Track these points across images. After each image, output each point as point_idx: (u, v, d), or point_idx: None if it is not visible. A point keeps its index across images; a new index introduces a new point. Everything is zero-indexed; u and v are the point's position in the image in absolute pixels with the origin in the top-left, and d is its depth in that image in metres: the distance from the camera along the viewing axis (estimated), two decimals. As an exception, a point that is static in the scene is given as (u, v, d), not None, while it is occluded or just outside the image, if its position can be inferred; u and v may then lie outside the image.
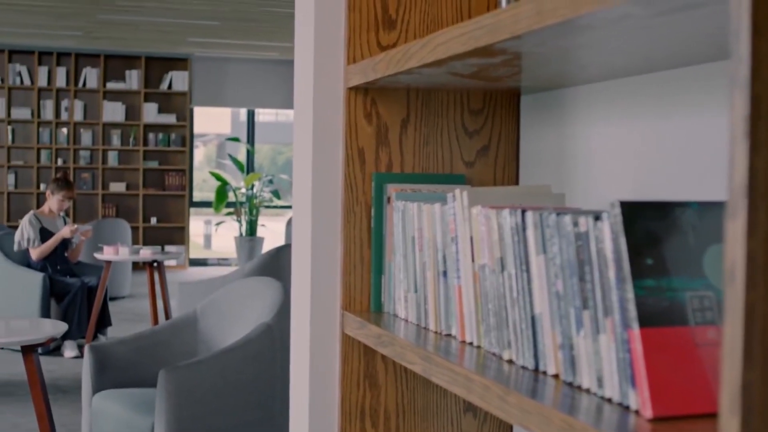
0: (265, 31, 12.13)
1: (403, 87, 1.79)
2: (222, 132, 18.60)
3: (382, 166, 1.81)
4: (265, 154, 15.39)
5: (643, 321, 1.00)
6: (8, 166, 13.76)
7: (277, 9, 10.52)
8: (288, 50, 13.79)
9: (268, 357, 3.74)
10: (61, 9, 10.76)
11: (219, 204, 14.30)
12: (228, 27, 11.85)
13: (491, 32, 1.19)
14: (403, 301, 1.69)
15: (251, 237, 14.27)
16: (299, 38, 1.93)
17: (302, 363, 1.88)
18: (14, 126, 13.82)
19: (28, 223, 7.47)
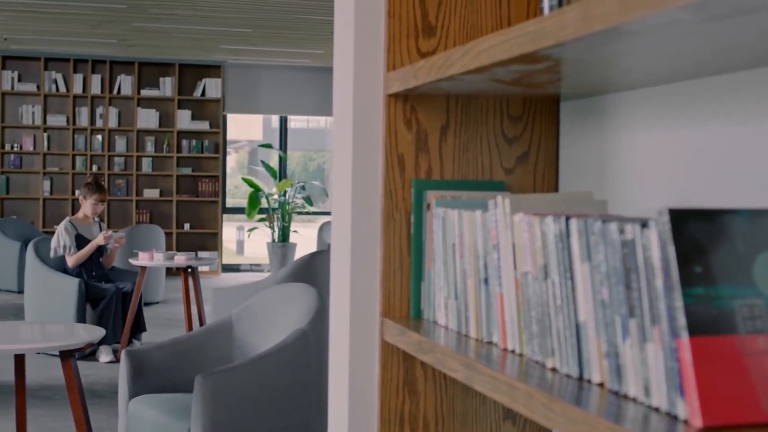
0: (298, 39, 12.17)
1: (443, 94, 1.78)
2: (254, 139, 18.69)
3: (421, 172, 1.81)
4: (297, 160, 15.44)
5: (693, 329, 0.99)
6: (44, 172, 13.87)
7: (310, 16, 10.55)
8: (320, 57, 13.83)
9: (303, 363, 3.74)
10: (96, 17, 10.85)
11: (252, 210, 14.34)
12: (261, 34, 11.90)
13: (535, 39, 1.18)
14: (443, 308, 1.68)
15: (284, 243, 14.30)
16: (339, 45, 1.93)
17: (341, 370, 1.88)
18: (50, 133, 13.94)
19: (63, 230, 7.52)
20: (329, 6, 9.87)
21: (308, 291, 4.03)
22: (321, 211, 15.96)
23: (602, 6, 1.03)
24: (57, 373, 6.71)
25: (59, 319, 7.24)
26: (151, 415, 3.84)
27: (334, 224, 1.95)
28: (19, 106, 13.91)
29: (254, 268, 15.11)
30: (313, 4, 9.86)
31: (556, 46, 1.15)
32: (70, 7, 10.26)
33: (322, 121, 18.52)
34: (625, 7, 0.98)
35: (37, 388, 6.27)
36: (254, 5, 9.97)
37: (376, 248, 1.83)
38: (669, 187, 1.51)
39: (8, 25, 11.60)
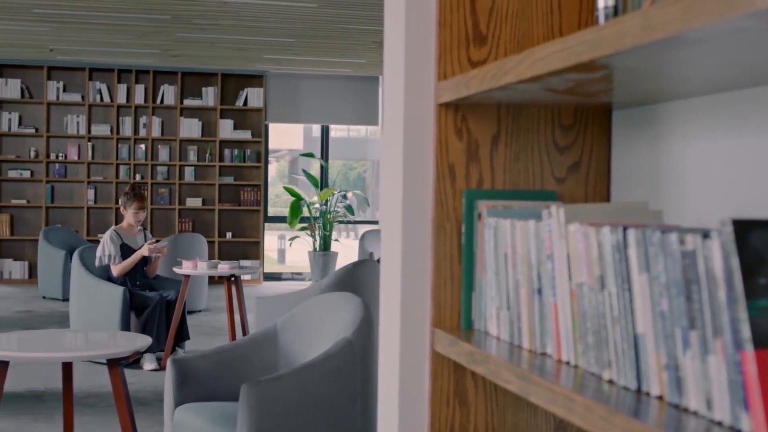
0: (340, 48, 12.20)
1: (494, 103, 1.77)
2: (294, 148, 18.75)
3: (472, 182, 1.80)
4: (337, 169, 15.46)
5: (757, 342, 0.98)
6: (88, 181, 14.01)
7: (352, 26, 10.57)
8: (361, 66, 13.85)
9: (348, 372, 3.74)
10: (141, 28, 10.95)
11: (293, 219, 14.38)
12: (302, 44, 11.94)
13: (594, 47, 1.17)
14: (495, 318, 1.67)
15: (325, 252, 14.32)
16: (389, 55, 1.93)
17: (391, 380, 1.88)
18: (94, 142, 14.07)
19: (109, 240, 7.59)
20: (371, 16, 9.89)
21: (353, 300, 4.03)
22: (362, 220, 15.97)
23: (664, 14, 1.02)
24: (101, 381, 6.76)
25: (104, 327, 7.30)
26: (197, 424, 3.86)
27: (384, 234, 1.95)
28: (64, 116, 14.06)
29: (295, 277, 15.15)
30: (356, 14, 9.89)
31: (615, 54, 1.13)
32: (115, 18, 10.36)
33: (363, 130, 18.56)
34: (689, 15, 0.96)
35: (82, 396, 6.32)
36: (297, 15, 10.02)
37: (427, 258, 1.82)
38: (725, 198, 1.49)
39: (54, 36, 11.74)
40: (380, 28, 10.54)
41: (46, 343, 4.69)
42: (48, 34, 11.61)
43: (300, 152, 16.80)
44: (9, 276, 13.79)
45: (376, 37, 11.25)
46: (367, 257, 11.63)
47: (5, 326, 9.19)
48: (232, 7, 9.62)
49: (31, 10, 10.00)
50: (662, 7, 1.02)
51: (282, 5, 9.52)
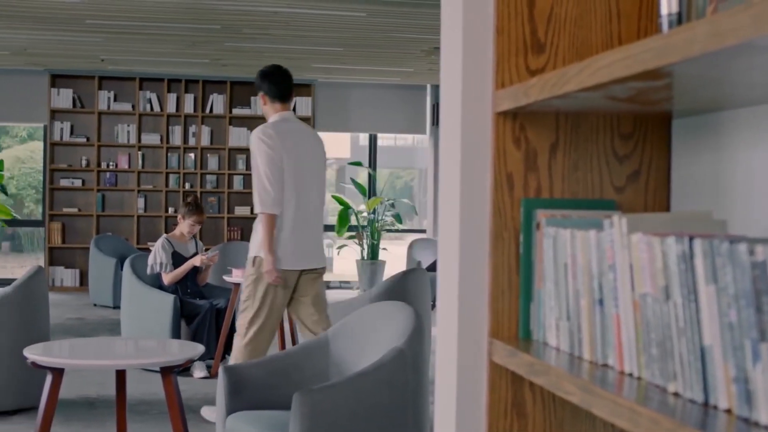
0: (388, 57, 12.22)
1: (553, 111, 1.76)
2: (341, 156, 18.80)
3: (530, 191, 1.78)
4: (383, 178, 15.47)
5: (833, 355, 0.95)
6: (138, 190, 14.13)
7: (400, 35, 10.58)
8: (409, 75, 13.86)
9: (400, 382, 3.73)
10: (191, 38, 11.04)
11: (341, 227, 14.41)
12: (351, 53, 11.98)
13: (661, 55, 1.15)
14: (554, 329, 1.65)
15: (373, 261, 14.33)
16: (446, 63, 1.92)
17: (448, 391, 1.86)
18: (144, 151, 14.20)
19: (160, 248, 7.64)
20: (420, 24, 9.89)
21: (404, 309, 4.03)
22: (410, 228, 15.96)
23: (733, 21, 1.00)
24: (152, 388, 6.81)
25: (154, 334, 7.35)
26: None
27: (441, 244, 1.94)
28: (115, 125, 14.20)
29: (343, 286, 15.17)
30: (404, 23, 9.90)
31: (683, 62, 1.12)
32: (165, 28, 10.46)
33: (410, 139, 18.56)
34: (759, 21, 0.95)
35: (134, 403, 6.36)
36: (346, 24, 10.05)
37: (484, 268, 1.81)
38: (792, 207, 1.46)
39: (105, 47, 11.87)
40: (429, 36, 10.54)
41: (100, 351, 4.74)
42: (99, 45, 11.74)
43: (347, 161, 16.84)
44: (61, 283, 13.94)
45: (424, 46, 11.25)
46: (415, 266, 11.62)
47: (57, 333, 9.29)
48: (281, 16, 9.67)
49: (84, 20, 10.12)
50: (732, 15, 1.01)
51: (331, 14, 9.55)
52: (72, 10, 9.56)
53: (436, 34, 10.61)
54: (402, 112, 15.03)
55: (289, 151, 5.64)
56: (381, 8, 9.23)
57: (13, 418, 6.02)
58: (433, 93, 14.83)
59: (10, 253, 16.70)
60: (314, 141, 5.92)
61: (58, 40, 11.41)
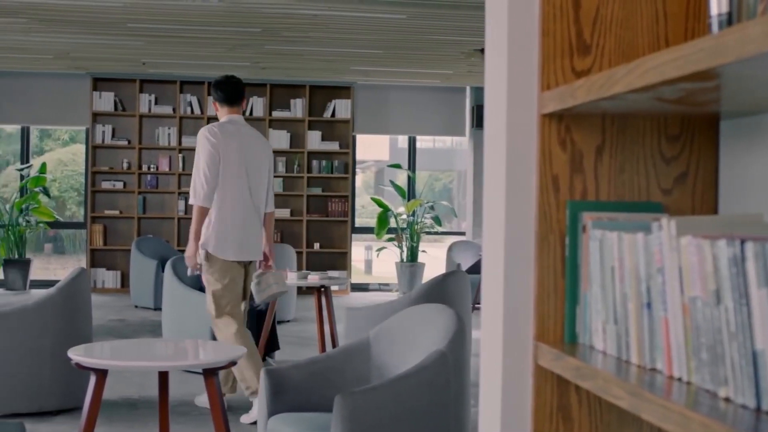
0: (428, 59, 12.21)
1: (599, 113, 1.75)
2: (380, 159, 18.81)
3: (576, 193, 1.77)
4: (422, 180, 15.46)
5: None
6: (179, 192, 14.22)
7: (440, 37, 10.57)
8: (449, 77, 13.84)
9: (442, 385, 3.72)
10: (231, 41, 11.10)
11: (381, 230, 14.42)
12: (390, 55, 11.98)
13: (713, 56, 1.14)
14: (601, 332, 1.64)
15: (412, 263, 14.32)
16: (491, 65, 1.91)
17: (493, 394, 1.86)
18: (184, 153, 14.28)
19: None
20: (460, 27, 9.88)
21: (446, 312, 4.01)
22: (449, 231, 15.93)
23: (789, 21, 0.99)
24: (193, 389, 6.84)
25: (195, 336, 7.38)
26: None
27: (486, 246, 1.93)
28: (156, 128, 14.30)
29: (382, 288, 15.18)
30: (444, 25, 9.89)
31: (736, 62, 1.10)
32: (206, 31, 10.52)
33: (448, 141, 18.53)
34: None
35: (175, 404, 6.39)
36: (386, 27, 10.05)
37: (530, 271, 1.80)
38: None
39: (146, 50, 11.96)
40: (469, 38, 10.52)
41: (143, 352, 4.76)
42: (141, 48, 11.83)
43: (385, 163, 16.84)
44: (102, 285, 14.06)
45: (464, 48, 11.23)
46: (454, 268, 11.60)
47: (99, 334, 9.37)
48: (321, 19, 9.70)
49: (125, 24, 10.21)
50: (786, 14, 0.99)
51: (371, 17, 9.56)
52: (114, 14, 9.64)
53: (476, 36, 10.60)
54: (441, 114, 15.01)
55: (233, 150, 6.14)
56: (421, 10, 9.22)
57: (56, 418, 6.07)
58: (472, 95, 14.80)
59: (53, 255, 16.86)
60: (260, 143, 6.41)
61: (100, 43, 11.51)
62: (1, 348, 5.99)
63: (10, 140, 15.94)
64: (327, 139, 14.56)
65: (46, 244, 16.56)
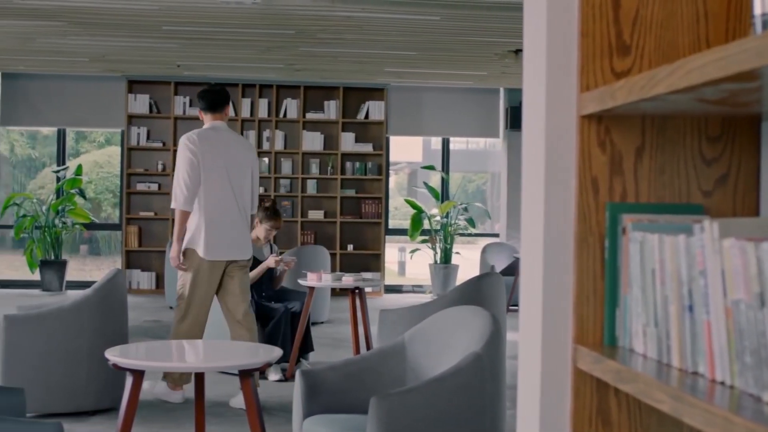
0: (462, 60, 12.19)
1: (639, 114, 1.73)
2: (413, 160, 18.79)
3: (616, 195, 1.76)
4: (455, 181, 15.44)
5: None
6: (213, 194, 14.26)
7: (474, 38, 10.55)
8: (482, 78, 13.81)
9: (477, 387, 3.71)
10: (265, 43, 11.13)
11: (414, 231, 14.41)
12: (424, 57, 11.97)
13: (757, 56, 1.13)
14: (641, 335, 1.63)
15: (446, 264, 14.31)
16: (529, 66, 1.91)
17: (532, 397, 1.85)
18: (219, 156, 14.33)
19: (236, 251, 7.71)
20: (494, 28, 9.86)
21: (481, 314, 4.00)
22: (483, 232, 15.90)
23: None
24: (227, 390, 6.87)
25: (229, 338, 7.40)
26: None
27: (525, 248, 1.92)
28: (190, 130, 14.33)
29: (416, 290, 15.17)
30: (478, 26, 9.87)
31: (782, 63, 1.09)
32: (240, 33, 10.56)
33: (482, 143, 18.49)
34: None
35: (209, 405, 6.42)
36: (419, 28, 10.05)
37: (569, 273, 1.78)
38: None
39: (181, 53, 12.02)
40: (503, 39, 10.49)
41: (179, 354, 4.79)
42: (175, 51, 11.90)
43: (418, 165, 16.83)
44: (137, 286, 14.15)
45: (498, 49, 11.20)
46: (488, 270, 11.58)
47: (135, 335, 9.42)
48: (355, 21, 9.71)
49: (160, 27, 10.27)
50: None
51: (405, 18, 9.56)
52: (149, 17, 9.70)
53: (511, 37, 10.58)
54: (475, 115, 14.99)
55: (213, 155, 6.50)
56: (455, 12, 9.21)
57: (93, 418, 6.11)
58: (506, 96, 14.76)
59: (88, 256, 16.99)
60: (242, 147, 6.73)
61: (135, 46, 11.58)
62: (38, 348, 6.04)
63: (47, 142, 16.08)
64: (361, 140, 14.58)
65: (81, 245, 16.69)
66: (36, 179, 16.61)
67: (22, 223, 14.00)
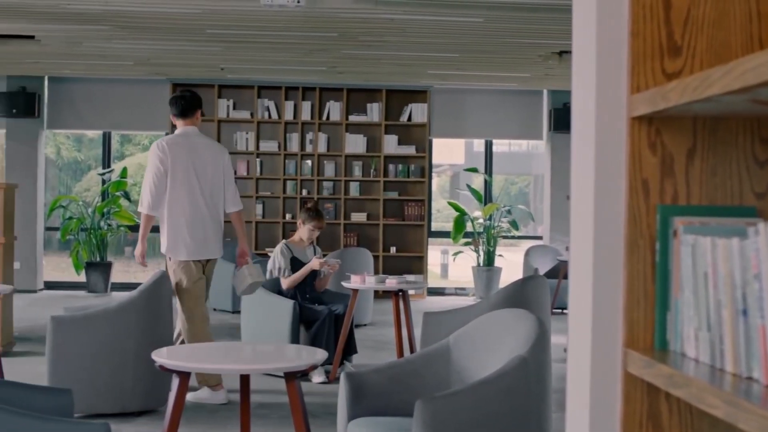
0: (505, 62, 12.15)
1: (690, 116, 1.71)
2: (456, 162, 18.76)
3: (667, 197, 1.74)
4: (498, 184, 15.39)
5: None
6: (256, 196, 14.34)
7: (517, 40, 10.51)
8: (526, 80, 13.76)
9: (523, 391, 3.69)
10: (308, 45, 11.16)
11: (457, 234, 14.39)
12: (467, 59, 11.94)
13: (816, 56, 1.11)
14: (693, 339, 1.60)
15: (489, 267, 14.27)
16: (578, 68, 1.89)
17: (581, 402, 1.83)
18: (262, 158, 14.41)
19: (279, 253, 7.74)
20: (538, 29, 9.81)
21: (527, 317, 3.98)
22: (526, 235, 15.84)
23: None
24: (271, 392, 6.89)
25: (274, 339, 7.43)
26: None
27: (574, 251, 1.90)
28: (234, 133, 14.44)
29: (458, 292, 15.14)
30: (522, 28, 9.83)
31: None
32: (283, 36, 10.60)
33: (524, 145, 18.43)
34: None
35: (254, 406, 6.44)
36: (463, 30, 10.03)
37: (619, 276, 1.77)
38: None
39: (224, 56, 12.09)
40: (547, 41, 10.45)
41: (224, 355, 4.81)
42: (219, 54, 11.96)
43: (460, 167, 16.80)
44: (181, 288, 14.22)
45: (541, 51, 11.15)
46: (532, 273, 11.52)
47: (179, 337, 9.47)
48: (398, 23, 9.70)
49: (204, 30, 10.33)
50: None
51: (448, 20, 9.54)
52: (193, 20, 9.76)
53: (554, 39, 10.52)
54: (518, 117, 14.94)
55: (181, 161, 6.80)
56: (498, 13, 9.17)
57: (139, 419, 6.16)
58: (550, 98, 14.70)
59: (133, 258, 17.12)
60: (211, 150, 7.04)
61: (179, 49, 11.66)
62: (85, 350, 6.10)
63: (92, 145, 16.24)
64: (403, 143, 14.57)
65: (126, 247, 16.82)
66: (81, 182, 16.78)
67: (68, 226, 14.15)
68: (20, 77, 14.17)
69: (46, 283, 14.75)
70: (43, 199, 14.68)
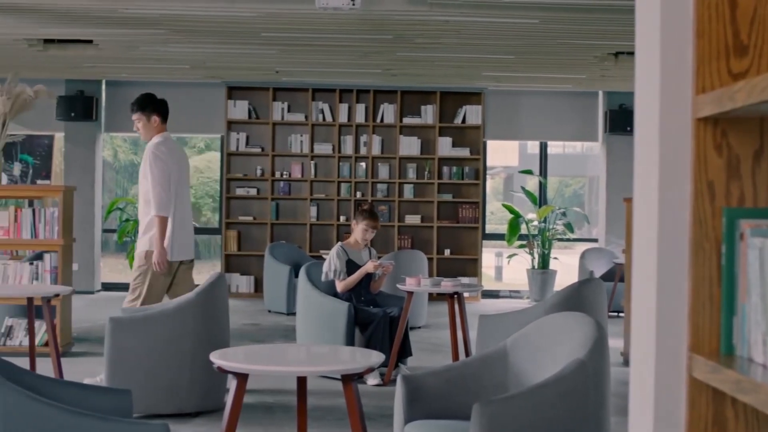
0: (560, 64, 12.07)
1: (757, 117, 1.68)
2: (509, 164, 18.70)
3: (733, 200, 1.71)
4: (552, 186, 15.30)
5: None
6: (311, 198, 14.39)
7: (573, 41, 10.44)
8: (581, 82, 13.66)
9: (581, 395, 3.66)
10: (363, 48, 11.18)
11: (512, 236, 14.32)
12: (522, 60, 11.88)
13: None
14: (761, 344, 1.58)
15: (543, 270, 14.18)
16: (641, 68, 1.87)
17: (645, 407, 1.81)
18: (316, 161, 14.46)
19: (335, 255, 7.76)
20: (593, 30, 9.74)
21: (585, 320, 3.95)
22: (581, 237, 15.73)
23: None
24: (327, 394, 6.90)
25: (329, 342, 7.45)
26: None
27: (637, 254, 1.88)
28: (289, 136, 14.51)
29: (513, 295, 15.07)
30: (578, 29, 9.76)
31: None
32: (338, 39, 10.62)
33: (578, 146, 18.31)
34: None
35: (310, 408, 6.46)
36: (518, 32, 9.98)
37: (684, 280, 1.74)
38: None
39: (279, 59, 12.14)
40: (602, 42, 10.37)
41: (281, 357, 4.83)
42: (274, 57, 12.02)
43: (514, 169, 16.73)
44: (236, 290, 14.32)
45: (597, 52, 11.07)
46: (587, 276, 11.44)
47: (234, 339, 9.51)
48: (453, 25, 9.69)
49: (260, 33, 10.38)
50: None
51: (503, 22, 9.50)
52: (248, 23, 9.82)
53: (611, 40, 10.43)
54: (573, 119, 14.83)
55: (176, 163, 7.21)
56: (554, 15, 9.12)
57: (196, 420, 6.20)
58: (605, 99, 14.58)
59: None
60: (185, 155, 7.59)
61: (234, 53, 11.74)
62: (143, 350, 6.16)
63: (149, 148, 16.37)
64: (457, 145, 14.54)
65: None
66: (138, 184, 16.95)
67: (124, 227, 14.30)
68: (78, 81, 14.35)
69: (104, 285, 14.93)
70: (101, 201, 14.85)
